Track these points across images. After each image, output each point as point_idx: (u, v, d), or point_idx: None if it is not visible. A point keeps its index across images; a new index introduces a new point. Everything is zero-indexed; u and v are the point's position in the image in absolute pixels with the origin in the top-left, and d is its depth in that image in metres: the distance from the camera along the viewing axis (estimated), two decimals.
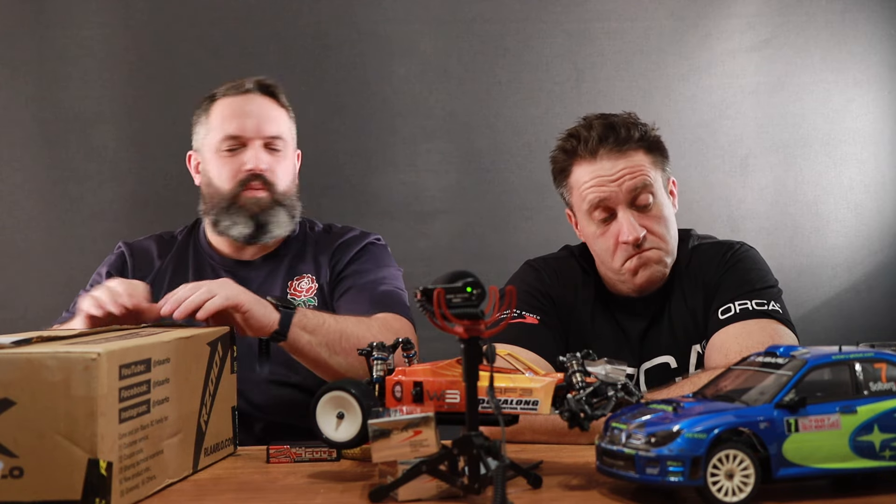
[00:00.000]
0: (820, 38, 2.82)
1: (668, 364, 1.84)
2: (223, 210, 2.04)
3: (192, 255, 2.13)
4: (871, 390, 1.21)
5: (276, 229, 2.05)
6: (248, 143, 2.04)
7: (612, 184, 1.79)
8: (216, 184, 2.06)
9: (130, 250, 2.13)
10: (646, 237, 1.80)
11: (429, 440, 1.25)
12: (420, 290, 1.23)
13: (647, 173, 1.81)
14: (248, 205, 2.02)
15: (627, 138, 1.80)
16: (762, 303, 1.76)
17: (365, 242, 2.11)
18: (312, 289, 2.05)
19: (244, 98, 2.07)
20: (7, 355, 1.20)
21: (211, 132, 2.07)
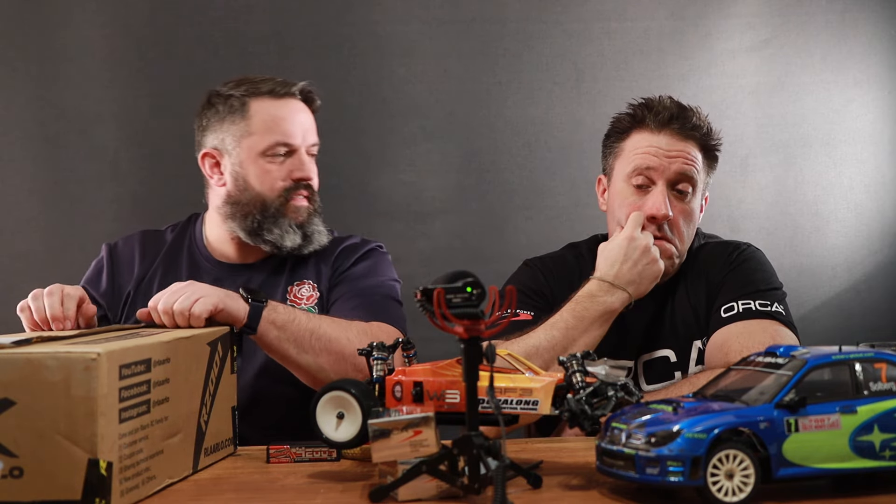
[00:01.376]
0: (820, 38, 2.82)
1: (668, 358, 1.85)
2: (269, 218, 1.97)
3: (185, 256, 2.08)
4: (871, 390, 1.21)
5: (319, 238, 2.01)
6: (296, 150, 1.99)
7: (666, 158, 1.82)
8: (258, 189, 1.97)
9: (111, 255, 2.08)
10: (670, 224, 1.81)
11: (429, 440, 1.25)
12: (420, 290, 1.23)
13: (697, 168, 1.84)
14: (295, 214, 1.98)
15: (694, 128, 1.84)
16: (765, 304, 1.76)
17: (366, 249, 2.07)
18: (313, 297, 2.01)
19: (290, 103, 2.01)
20: (7, 355, 1.20)
21: (254, 135, 1.97)
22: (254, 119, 1.98)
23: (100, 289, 2.05)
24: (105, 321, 2.02)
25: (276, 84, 2.00)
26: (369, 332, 1.83)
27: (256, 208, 1.98)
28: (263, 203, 1.97)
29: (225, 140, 2.00)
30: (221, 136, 2.01)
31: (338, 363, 1.76)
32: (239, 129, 1.99)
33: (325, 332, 1.78)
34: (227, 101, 2.00)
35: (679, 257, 1.85)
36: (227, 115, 2.00)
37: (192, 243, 2.10)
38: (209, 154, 2.03)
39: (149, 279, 2.05)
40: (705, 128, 1.86)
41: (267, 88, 1.99)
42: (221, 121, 2.01)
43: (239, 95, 1.99)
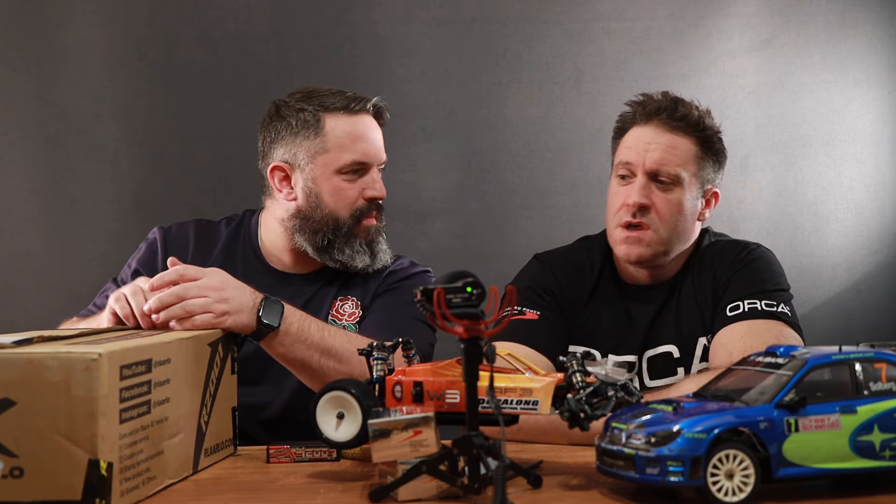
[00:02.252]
0: (820, 38, 2.82)
1: (671, 353, 1.85)
2: (341, 237, 1.94)
3: (241, 257, 2.03)
4: (871, 390, 1.21)
5: (384, 256, 1.99)
6: (369, 168, 1.96)
7: (645, 151, 1.83)
8: (331, 207, 1.94)
9: (164, 239, 2.03)
10: (648, 210, 1.82)
11: (429, 440, 1.25)
12: (420, 290, 1.23)
13: (682, 159, 1.83)
14: (365, 233, 1.96)
15: (683, 118, 1.84)
16: (771, 304, 1.76)
17: (412, 272, 2.04)
18: (356, 315, 1.98)
19: (364, 119, 1.96)
20: (7, 355, 1.20)
21: (330, 152, 1.93)
22: (329, 136, 1.93)
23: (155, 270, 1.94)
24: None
25: (349, 99, 1.96)
26: None
27: (328, 226, 1.94)
28: (336, 221, 1.94)
29: (297, 154, 1.95)
30: (294, 150, 1.95)
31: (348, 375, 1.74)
32: (313, 146, 1.94)
33: (337, 351, 1.75)
34: (298, 114, 1.95)
35: (664, 245, 1.84)
36: (301, 130, 1.95)
37: (246, 247, 2.05)
38: (279, 167, 1.97)
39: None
40: (696, 119, 1.85)
41: (341, 104, 1.95)
42: (294, 135, 1.95)
43: (312, 110, 1.94)
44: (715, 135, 1.89)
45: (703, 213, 1.90)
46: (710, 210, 1.92)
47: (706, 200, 1.90)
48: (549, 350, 1.78)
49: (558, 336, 1.86)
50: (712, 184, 1.90)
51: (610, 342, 1.85)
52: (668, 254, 1.86)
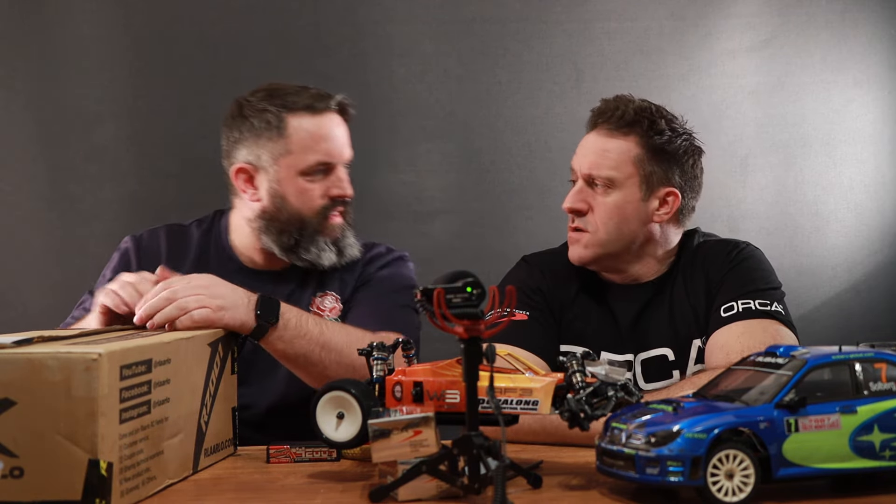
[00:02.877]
0: (820, 38, 2.82)
1: (666, 356, 1.85)
2: (306, 237, 1.94)
3: (213, 258, 2.03)
4: (871, 390, 1.21)
5: (351, 251, 1.99)
6: (334, 168, 1.96)
7: (582, 157, 1.88)
8: (296, 207, 1.93)
9: (137, 247, 2.02)
10: (584, 214, 1.86)
11: (429, 440, 1.25)
12: (420, 290, 1.23)
13: (617, 162, 1.83)
14: (331, 231, 1.96)
15: (618, 120, 1.84)
16: (765, 303, 1.77)
17: (390, 258, 2.05)
18: (336, 309, 1.99)
19: (328, 118, 1.96)
20: (8, 355, 1.20)
21: (294, 154, 1.92)
22: (292, 137, 1.92)
23: None
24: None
25: (313, 98, 1.94)
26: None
27: (294, 226, 1.94)
28: (302, 221, 1.94)
29: (261, 157, 1.93)
30: (257, 151, 1.93)
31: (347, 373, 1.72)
32: (277, 147, 1.92)
33: (336, 345, 1.76)
34: (261, 114, 1.93)
35: (601, 247, 1.85)
36: (264, 131, 1.93)
37: (218, 245, 2.05)
38: (243, 169, 1.95)
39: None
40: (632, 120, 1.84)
41: (304, 103, 1.93)
42: (257, 136, 1.93)
43: (275, 110, 1.92)
44: (667, 139, 1.85)
45: (657, 213, 1.86)
46: (668, 210, 1.86)
47: (661, 201, 1.86)
48: (541, 350, 1.79)
49: (548, 336, 1.86)
50: (667, 184, 1.86)
51: (596, 342, 1.85)
52: (615, 256, 1.86)
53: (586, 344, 1.83)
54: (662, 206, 1.87)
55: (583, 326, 1.88)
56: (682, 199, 1.87)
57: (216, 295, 1.63)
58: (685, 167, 1.89)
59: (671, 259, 1.91)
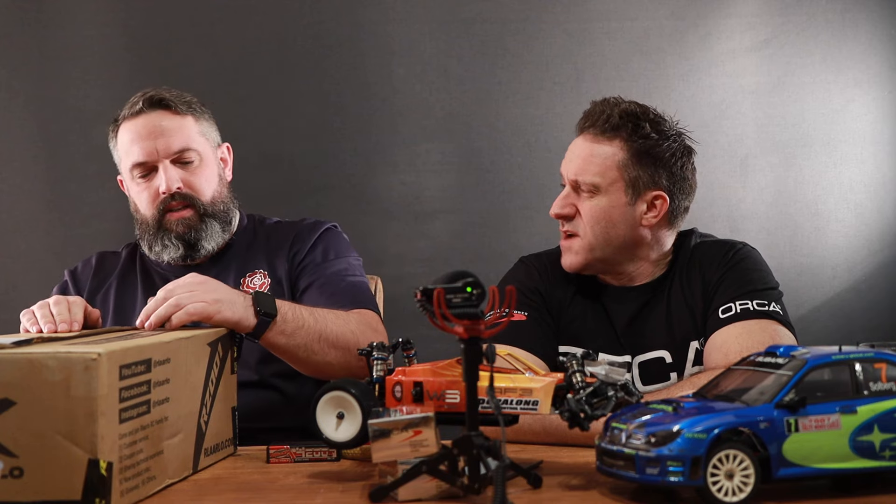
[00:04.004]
0: (820, 38, 2.82)
1: (664, 359, 1.85)
2: (152, 236, 2.02)
3: (138, 266, 2.12)
4: (871, 390, 1.21)
5: (207, 243, 2.03)
6: (158, 164, 2.00)
7: (569, 162, 1.87)
8: (141, 210, 2.05)
9: (72, 275, 2.15)
10: (571, 218, 1.86)
11: (429, 440, 1.25)
12: (420, 290, 1.23)
13: (601, 167, 1.82)
14: (174, 227, 2.01)
15: (602, 125, 1.83)
16: (763, 303, 1.76)
17: (322, 230, 2.10)
18: (265, 284, 2.03)
19: (140, 119, 2.01)
20: (7, 355, 1.20)
21: (122, 160, 2.06)
22: (119, 145, 2.06)
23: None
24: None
25: (130, 105, 2.04)
26: (364, 321, 1.87)
27: (145, 228, 2.05)
28: (146, 222, 2.04)
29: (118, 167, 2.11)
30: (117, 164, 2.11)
31: (344, 357, 1.79)
32: (117, 157, 2.10)
33: (332, 330, 1.79)
34: (111, 130, 2.09)
35: (589, 251, 1.84)
36: (111, 143, 2.11)
37: (144, 256, 2.13)
38: (121, 181, 2.13)
39: (104, 291, 2.10)
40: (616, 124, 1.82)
41: (122, 114, 2.05)
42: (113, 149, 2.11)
43: (114, 121, 2.08)
44: (653, 142, 1.83)
45: (645, 217, 1.84)
46: (657, 214, 1.84)
47: (648, 204, 1.84)
48: (539, 350, 1.79)
49: (547, 337, 1.86)
50: (654, 187, 1.83)
51: (593, 344, 1.84)
52: (606, 260, 1.86)
53: (583, 346, 1.83)
54: (650, 209, 1.84)
55: (580, 328, 1.88)
56: (672, 201, 1.84)
57: (211, 290, 1.64)
58: (673, 169, 1.85)
59: (667, 260, 1.91)
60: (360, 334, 1.82)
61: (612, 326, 1.87)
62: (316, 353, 1.77)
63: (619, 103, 1.86)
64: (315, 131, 2.72)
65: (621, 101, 1.87)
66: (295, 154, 2.69)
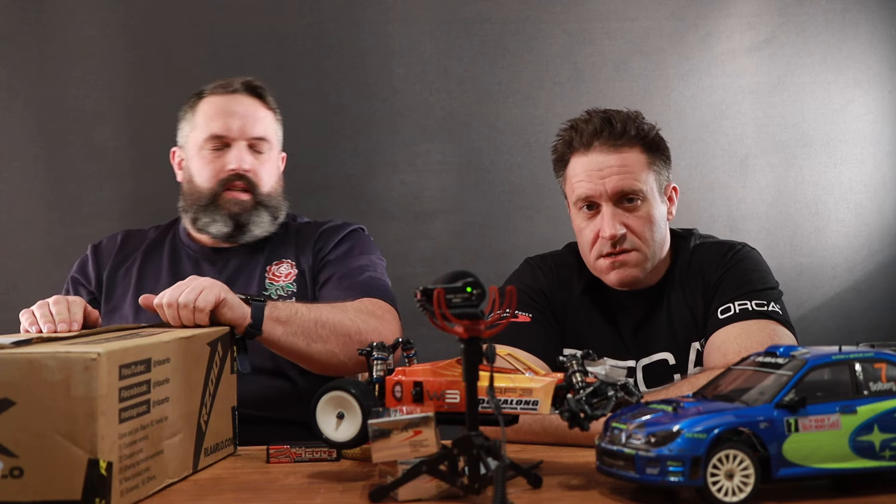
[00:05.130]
0: (820, 38, 2.82)
1: (667, 361, 1.85)
2: (202, 208, 2.06)
3: (167, 245, 2.16)
4: (871, 390, 1.21)
5: (256, 229, 2.08)
6: (232, 143, 2.06)
7: (600, 179, 1.80)
8: (197, 182, 2.08)
9: (95, 251, 2.19)
10: (625, 236, 1.80)
11: (429, 440, 1.25)
12: (420, 290, 1.23)
13: (638, 173, 1.81)
14: (228, 205, 2.05)
15: (622, 133, 1.81)
16: (762, 304, 1.76)
17: (349, 230, 2.13)
18: (291, 274, 2.06)
19: (231, 98, 2.09)
20: (7, 355, 1.20)
21: (196, 130, 2.10)
22: (197, 114, 2.11)
23: (88, 279, 2.16)
24: (95, 304, 2.11)
25: (225, 81, 2.11)
26: (363, 308, 1.88)
27: (196, 199, 2.08)
28: (201, 195, 2.07)
29: (181, 136, 2.16)
30: (181, 134, 2.17)
31: (347, 345, 1.79)
32: (189, 126, 2.14)
33: (328, 318, 1.80)
34: (189, 100, 2.15)
35: (649, 260, 1.84)
36: (185, 114, 2.16)
37: (174, 235, 2.19)
38: (175, 151, 2.19)
39: (128, 266, 2.13)
40: (634, 128, 1.82)
41: (215, 85, 2.11)
42: (181, 119, 2.17)
43: (196, 94, 2.13)
44: (656, 135, 1.86)
45: (670, 211, 1.89)
46: (675, 205, 1.90)
47: (668, 199, 1.89)
48: (543, 352, 1.78)
49: (551, 338, 1.86)
50: (668, 181, 1.89)
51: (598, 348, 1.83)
52: (653, 265, 1.86)
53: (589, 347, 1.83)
54: (671, 203, 1.89)
55: (584, 332, 1.88)
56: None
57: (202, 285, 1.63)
58: (668, 155, 1.89)
59: (668, 262, 1.91)
60: (361, 322, 1.84)
61: (619, 331, 1.87)
62: (315, 341, 1.77)
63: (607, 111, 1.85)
64: (315, 131, 2.72)
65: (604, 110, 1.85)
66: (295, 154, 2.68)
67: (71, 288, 2.16)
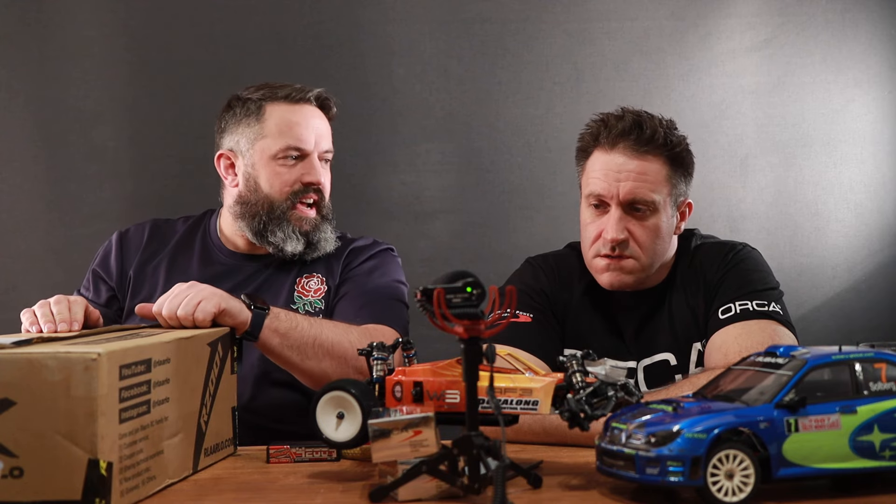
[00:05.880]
0: (820, 38, 2.82)
1: (668, 361, 1.85)
2: (273, 221, 2.00)
3: (198, 245, 2.11)
4: (871, 390, 1.21)
5: (325, 245, 2.03)
6: (307, 155, 2.02)
7: (615, 181, 1.79)
8: (266, 191, 2.01)
9: (120, 241, 2.13)
10: (627, 243, 1.80)
11: (429, 440, 1.26)
12: (420, 290, 1.24)
13: (654, 184, 1.80)
14: (300, 223, 2.01)
15: (650, 140, 1.79)
16: (763, 304, 1.76)
17: (376, 250, 2.10)
18: (321, 290, 2.03)
19: (305, 109, 2.04)
20: (7, 355, 1.20)
21: (266, 138, 2.01)
22: (268, 122, 2.01)
23: (110, 273, 2.09)
24: (115, 301, 2.07)
25: (293, 90, 2.04)
26: (368, 334, 1.84)
27: (264, 210, 2.01)
28: (271, 205, 2.00)
29: (240, 142, 2.04)
30: (237, 138, 2.04)
31: (340, 367, 1.77)
32: (253, 132, 2.02)
33: (328, 337, 1.78)
34: (244, 104, 2.04)
35: (644, 270, 1.83)
36: (244, 118, 2.04)
37: (205, 234, 2.14)
38: (224, 155, 2.07)
39: (156, 264, 2.08)
40: (663, 139, 1.80)
41: (283, 93, 2.03)
42: (238, 123, 2.04)
43: (256, 99, 2.03)
44: (683, 149, 1.85)
45: (678, 226, 1.89)
46: (685, 220, 1.90)
47: (680, 213, 1.88)
48: (544, 352, 1.78)
49: (552, 338, 1.86)
50: (685, 196, 1.87)
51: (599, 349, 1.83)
52: (649, 275, 1.86)
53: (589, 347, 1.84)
54: (682, 219, 1.89)
55: (586, 332, 1.88)
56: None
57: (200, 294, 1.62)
58: (691, 172, 1.89)
59: (671, 263, 1.91)
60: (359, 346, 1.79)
61: (620, 333, 1.87)
62: (310, 358, 1.76)
63: (641, 114, 1.83)
64: None
65: (641, 112, 1.84)
66: None
67: (91, 283, 2.10)
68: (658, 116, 1.85)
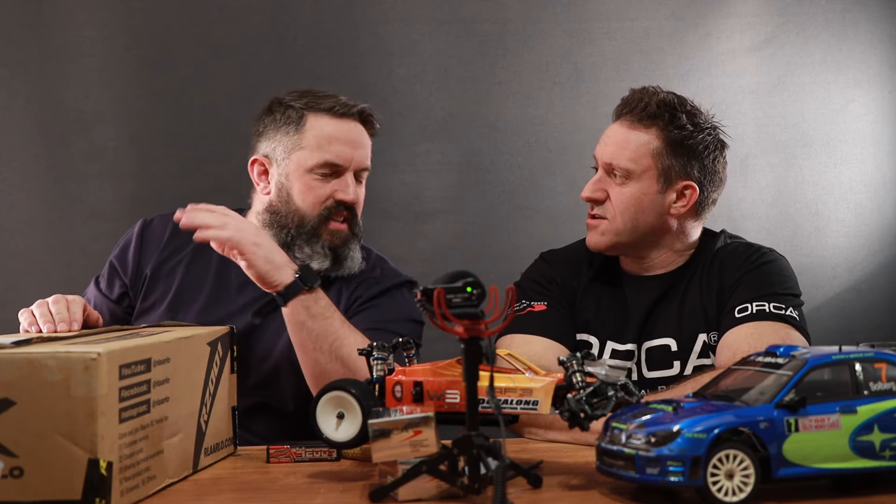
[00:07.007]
0: (820, 38, 2.82)
1: (669, 346, 1.86)
2: (302, 236, 1.93)
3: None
4: (871, 390, 1.21)
5: (352, 265, 1.96)
6: (343, 172, 1.95)
7: (603, 146, 1.90)
8: (298, 204, 1.93)
9: (141, 232, 2.05)
10: (603, 203, 1.88)
11: (429, 440, 1.26)
12: (420, 290, 1.24)
13: (634, 153, 1.85)
14: (331, 237, 1.94)
15: (640, 112, 1.86)
16: (780, 307, 1.76)
17: (391, 284, 2.00)
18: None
19: (348, 124, 1.96)
20: (7, 355, 1.20)
21: (303, 150, 1.93)
22: (307, 134, 1.94)
23: (126, 268, 2.03)
24: (126, 298, 2.02)
25: (338, 102, 1.96)
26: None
27: (294, 223, 1.93)
28: (302, 219, 1.93)
29: (276, 150, 1.96)
30: (274, 144, 1.97)
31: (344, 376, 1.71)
32: (291, 141, 1.95)
33: (349, 344, 1.74)
34: (285, 110, 1.96)
35: (616, 234, 1.87)
36: (283, 125, 1.96)
37: None
38: (258, 161, 1.99)
39: (174, 264, 2.01)
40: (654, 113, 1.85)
41: (327, 105, 1.95)
42: (276, 130, 1.97)
43: (298, 107, 1.95)
44: (690, 133, 1.86)
45: (675, 206, 1.87)
46: (686, 203, 1.87)
47: (678, 193, 1.87)
48: (561, 337, 1.84)
49: (567, 324, 1.89)
50: (685, 177, 1.86)
51: (607, 329, 1.88)
52: (631, 245, 1.88)
53: (596, 332, 1.88)
54: (680, 198, 1.88)
55: (592, 315, 1.91)
56: (701, 192, 1.88)
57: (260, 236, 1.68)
58: (705, 161, 1.89)
59: (690, 253, 1.92)
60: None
61: (628, 314, 1.89)
62: (323, 353, 1.75)
63: (658, 92, 1.90)
64: None
65: (660, 91, 1.91)
66: None
67: (106, 275, 2.03)
68: (676, 99, 1.90)
